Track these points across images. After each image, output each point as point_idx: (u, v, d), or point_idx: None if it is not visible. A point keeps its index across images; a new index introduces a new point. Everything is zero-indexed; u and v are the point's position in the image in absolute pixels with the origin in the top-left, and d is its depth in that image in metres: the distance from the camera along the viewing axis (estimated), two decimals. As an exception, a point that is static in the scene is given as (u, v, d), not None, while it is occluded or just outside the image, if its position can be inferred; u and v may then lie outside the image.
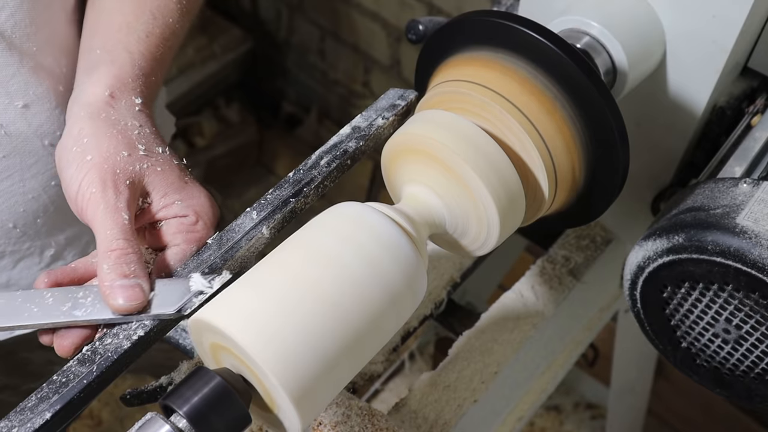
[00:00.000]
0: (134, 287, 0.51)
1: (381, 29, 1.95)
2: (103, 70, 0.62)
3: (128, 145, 0.58)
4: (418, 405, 0.74)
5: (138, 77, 0.63)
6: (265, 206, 0.58)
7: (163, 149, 0.60)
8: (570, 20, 0.63)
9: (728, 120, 0.68)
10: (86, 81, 0.62)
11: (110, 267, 0.52)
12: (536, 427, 1.80)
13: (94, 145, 0.57)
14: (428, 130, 0.54)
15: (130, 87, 0.62)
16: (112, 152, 0.56)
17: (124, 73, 0.62)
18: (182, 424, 0.43)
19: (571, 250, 0.86)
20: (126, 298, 0.51)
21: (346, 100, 2.21)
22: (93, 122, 0.58)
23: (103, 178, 0.55)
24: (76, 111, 0.60)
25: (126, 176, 0.56)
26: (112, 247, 0.53)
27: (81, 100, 0.61)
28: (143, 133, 0.60)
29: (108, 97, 0.60)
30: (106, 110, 0.59)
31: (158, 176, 0.58)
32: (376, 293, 0.48)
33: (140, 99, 0.62)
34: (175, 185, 0.58)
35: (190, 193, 0.59)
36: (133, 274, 0.52)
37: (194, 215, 0.58)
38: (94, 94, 0.60)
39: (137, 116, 0.61)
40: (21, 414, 0.46)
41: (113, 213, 0.54)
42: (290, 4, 2.16)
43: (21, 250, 0.78)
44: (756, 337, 0.56)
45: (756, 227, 0.53)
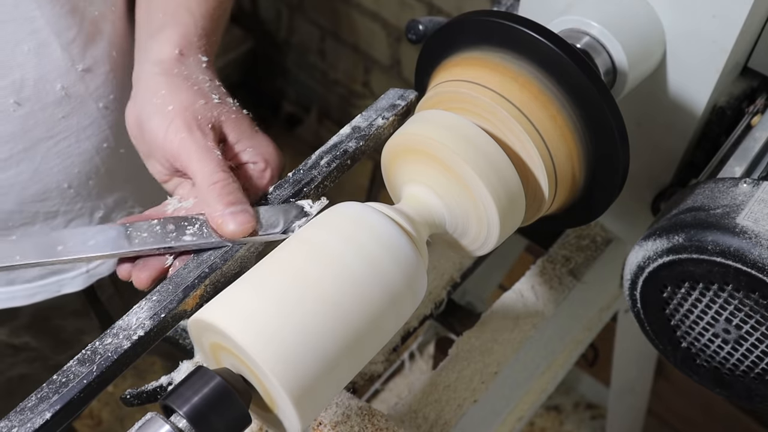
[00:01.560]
0: (243, 212, 0.54)
1: (381, 29, 1.95)
2: (169, 31, 0.65)
3: (203, 95, 0.61)
4: (418, 405, 0.74)
5: (201, 37, 0.67)
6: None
7: (232, 100, 0.63)
8: (570, 20, 0.63)
9: (728, 120, 0.68)
10: (153, 43, 0.65)
11: (217, 197, 0.55)
12: (536, 427, 1.80)
13: (172, 96, 0.60)
14: (428, 130, 0.54)
15: (196, 45, 0.66)
16: (191, 101, 0.60)
17: (189, 33, 0.66)
18: (182, 424, 0.43)
19: (571, 250, 0.86)
20: (238, 222, 0.54)
21: (346, 100, 2.21)
22: (167, 77, 0.62)
23: (188, 124, 0.58)
24: (148, 68, 0.63)
25: (207, 121, 0.59)
26: (215, 180, 0.56)
27: (151, 58, 0.64)
28: (213, 85, 0.63)
29: (178, 54, 0.64)
30: (177, 66, 0.63)
31: (233, 123, 0.61)
32: (376, 293, 0.48)
33: (206, 57, 0.66)
34: (247, 132, 0.62)
35: (260, 141, 0.62)
36: (239, 201, 0.55)
37: (263, 162, 0.61)
38: (164, 52, 0.64)
39: (205, 72, 0.65)
40: (21, 414, 0.46)
41: (206, 151, 0.57)
42: (290, 4, 2.16)
43: (73, 210, 0.82)
44: (756, 337, 0.56)
45: (756, 227, 0.53)
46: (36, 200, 0.79)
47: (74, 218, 0.83)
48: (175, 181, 0.63)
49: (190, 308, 0.53)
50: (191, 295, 0.53)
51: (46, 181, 0.79)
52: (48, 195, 0.79)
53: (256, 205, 0.57)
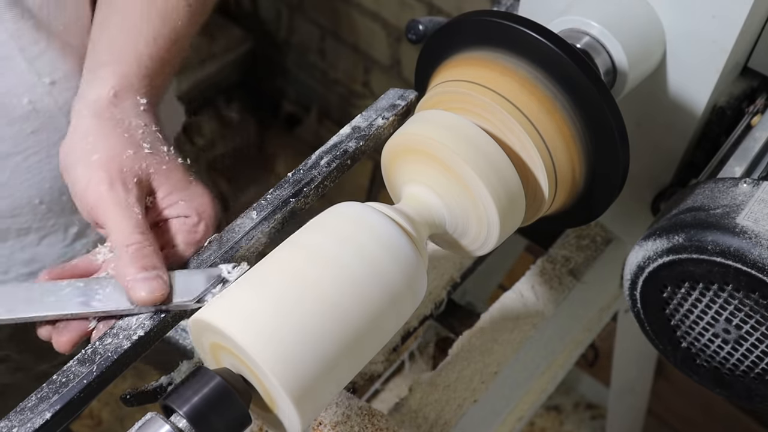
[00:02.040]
0: (156, 279, 0.52)
1: (381, 29, 1.95)
2: (109, 69, 0.62)
3: (133, 144, 0.58)
4: (418, 405, 0.74)
5: (144, 78, 0.63)
6: (265, 206, 0.58)
7: (167, 148, 0.60)
8: (570, 20, 0.63)
9: (728, 120, 0.68)
10: (91, 80, 0.62)
11: (129, 261, 0.52)
12: (536, 427, 1.80)
13: (99, 143, 0.57)
14: (428, 130, 0.54)
15: (135, 87, 0.62)
16: (118, 151, 0.57)
17: (130, 74, 0.62)
18: (182, 424, 0.43)
19: (571, 250, 0.86)
20: (149, 290, 0.51)
21: (346, 100, 2.21)
22: (98, 121, 0.59)
23: (110, 177, 0.55)
24: (79, 109, 0.60)
25: (133, 174, 0.56)
26: (129, 242, 0.53)
27: (86, 98, 0.61)
28: (147, 132, 0.60)
29: (112, 96, 0.60)
30: (110, 109, 0.60)
31: (163, 175, 0.58)
32: (376, 293, 0.48)
33: (145, 99, 0.62)
34: (179, 184, 0.59)
35: (194, 193, 0.59)
36: (153, 266, 0.52)
37: (197, 216, 0.58)
38: (98, 93, 0.61)
39: (141, 116, 0.61)
40: (21, 414, 0.46)
41: (125, 209, 0.54)
42: (290, 4, 2.16)
43: (46, 226, 0.80)
44: (756, 337, 0.56)
45: (756, 227, 0.53)
46: (6, 216, 0.78)
47: (47, 234, 0.81)
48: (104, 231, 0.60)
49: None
50: (191, 295, 0.53)
51: (16, 197, 0.77)
52: (19, 211, 0.78)
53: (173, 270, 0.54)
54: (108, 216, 0.54)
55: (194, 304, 0.52)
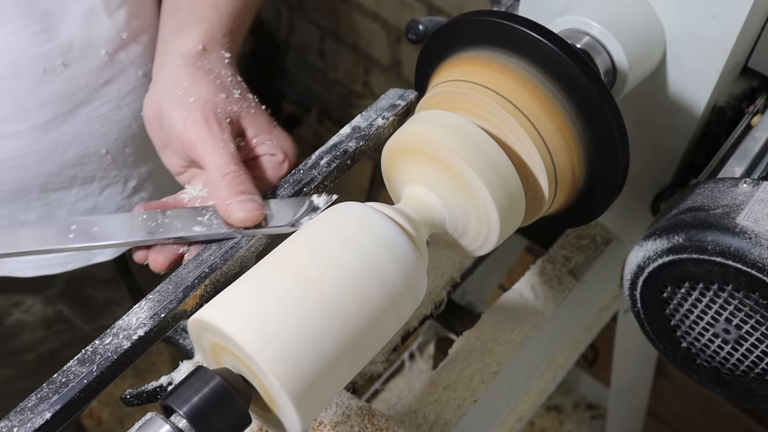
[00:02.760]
0: (251, 201, 0.55)
1: (381, 29, 1.95)
2: (194, 27, 0.67)
3: (224, 89, 0.63)
4: (418, 405, 0.74)
5: (226, 35, 0.68)
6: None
7: (252, 95, 0.65)
8: (570, 20, 0.63)
9: (728, 120, 0.68)
10: (177, 37, 0.67)
11: (227, 188, 0.56)
12: (536, 427, 1.80)
13: (194, 88, 0.62)
14: (428, 130, 0.54)
15: (220, 42, 0.68)
16: (212, 94, 0.62)
17: (214, 30, 0.67)
18: (182, 424, 0.43)
19: (571, 250, 0.86)
20: (245, 210, 0.55)
21: (346, 100, 2.21)
22: (190, 70, 0.64)
23: (206, 117, 0.60)
24: (171, 60, 0.65)
25: (226, 115, 0.61)
26: (226, 171, 0.57)
27: (175, 51, 0.66)
28: (234, 81, 0.65)
29: (201, 49, 0.66)
30: (200, 60, 0.65)
31: (252, 118, 0.63)
32: (376, 293, 0.48)
33: (228, 53, 0.68)
34: (265, 127, 0.64)
35: (278, 135, 0.64)
36: (248, 191, 0.56)
37: (282, 154, 0.63)
38: (187, 47, 0.66)
39: (228, 67, 0.66)
40: (21, 414, 0.46)
41: (221, 144, 0.59)
42: (290, 4, 2.16)
43: (109, 176, 0.85)
44: (756, 337, 0.56)
45: (756, 227, 0.53)
46: (75, 164, 0.81)
47: (109, 185, 0.85)
48: (189, 173, 0.64)
49: (190, 308, 0.53)
50: (191, 295, 0.53)
51: (86, 146, 0.81)
52: (87, 159, 0.82)
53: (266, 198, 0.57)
54: (206, 150, 0.59)
55: (289, 228, 0.54)
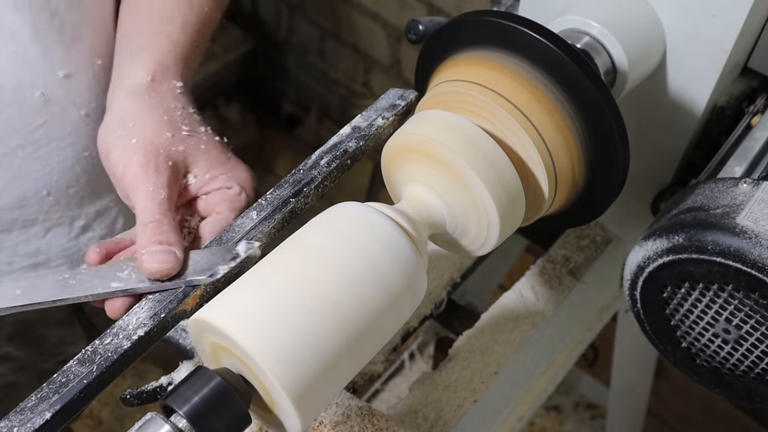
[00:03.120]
0: (167, 252, 0.54)
1: (381, 29, 1.95)
2: (145, 55, 0.65)
3: (171, 126, 0.61)
4: (418, 405, 0.74)
5: (178, 62, 0.66)
6: (265, 206, 0.58)
7: (204, 128, 0.63)
8: (570, 20, 0.63)
9: (728, 120, 0.68)
10: (127, 66, 0.65)
11: (146, 237, 0.55)
12: (536, 427, 1.80)
13: (138, 128, 0.60)
14: (428, 130, 0.54)
15: (172, 71, 0.65)
16: (156, 133, 0.60)
17: (165, 59, 0.65)
18: (182, 424, 0.43)
19: (571, 250, 0.86)
20: (159, 261, 0.53)
21: (346, 100, 2.21)
22: (136, 105, 0.61)
23: (146, 160, 0.58)
24: (119, 95, 0.63)
25: (168, 157, 0.59)
26: (149, 220, 0.56)
27: (124, 84, 0.63)
28: (185, 114, 0.63)
29: (150, 81, 0.63)
30: (148, 93, 0.62)
31: (202, 153, 0.62)
32: (376, 293, 0.48)
33: (180, 82, 0.65)
34: (218, 160, 0.62)
35: (232, 167, 0.63)
36: (168, 242, 0.54)
37: (238, 186, 0.62)
38: (136, 77, 0.63)
39: (178, 98, 0.64)
40: (21, 414, 0.46)
41: (152, 191, 0.57)
42: (290, 4, 2.16)
43: (52, 218, 0.81)
44: (756, 337, 0.56)
45: (756, 227, 0.53)
46: (14, 207, 0.78)
47: (53, 227, 0.81)
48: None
49: (190, 308, 0.53)
50: (191, 295, 0.53)
51: (25, 188, 0.77)
52: (26, 202, 0.78)
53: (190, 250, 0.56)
54: (137, 196, 0.57)
55: (207, 279, 0.53)
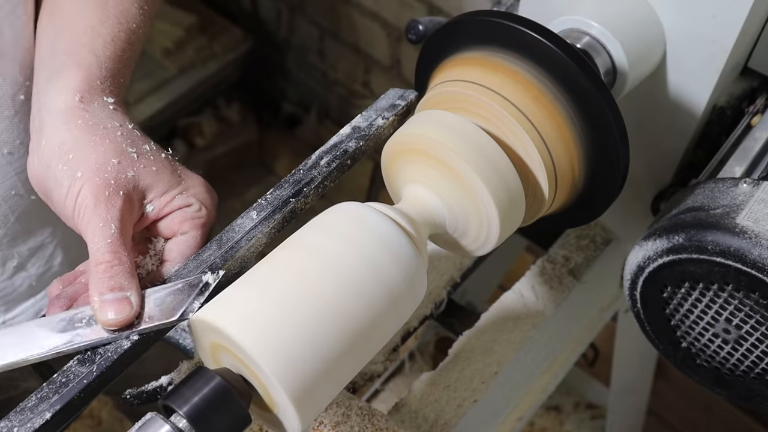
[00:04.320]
0: (121, 300, 0.50)
1: (381, 29, 1.95)
2: (70, 74, 0.59)
3: (115, 150, 0.56)
4: (418, 405, 0.74)
5: (106, 78, 0.61)
6: (265, 206, 0.58)
7: (149, 146, 0.59)
8: (570, 20, 0.63)
9: (728, 120, 0.68)
10: (52, 88, 0.59)
11: (97, 281, 0.51)
12: (536, 427, 1.80)
13: (81, 159, 0.55)
14: (428, 130, 0.54)
15: (100, 89, 0.60)
16: (102, 162, 0.55)
17: (92, 76, 0.60)
18: (182, 424, 0.43)
19: (571, 250, 0.86)
20: (114, 311, 0.50)
21: (346, 100, 2.21)
22: (71, 133, 0.56)
23: (95, 193, 0.54)
24: (49, 122, 0.57)
25: (120, 186, 0.55)
26: (99, 261, 0.52)
27: (51, 108, 0.58)
28: (125, 132, 0.58)
29: (78, 102, 0.58)
30: (81, 116, 0.57)
31: (153, 176, 0.57)
32: (376, 293, 0.48)
33: (112, 98, 0.60)
34: (171, 181, 0.58)
35: (188, 185, 0.59)
36: (120, 286, 0.51)
37: (197, 203, 0.58)
38: (63, 101, 0.58)
39: (114, 116, 0.59)
40: (21, 414, 0.46)
41: (102, 228, 0.53)
42: (290, 4, 2.16)
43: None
44: (756, 337, 0.56)
45: (756, 227, 0.53)
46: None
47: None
48: None
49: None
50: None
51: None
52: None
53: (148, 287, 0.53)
54: (87, 234, 0.53)
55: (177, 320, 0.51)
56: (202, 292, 0.51)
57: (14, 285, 0.81)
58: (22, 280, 0.81)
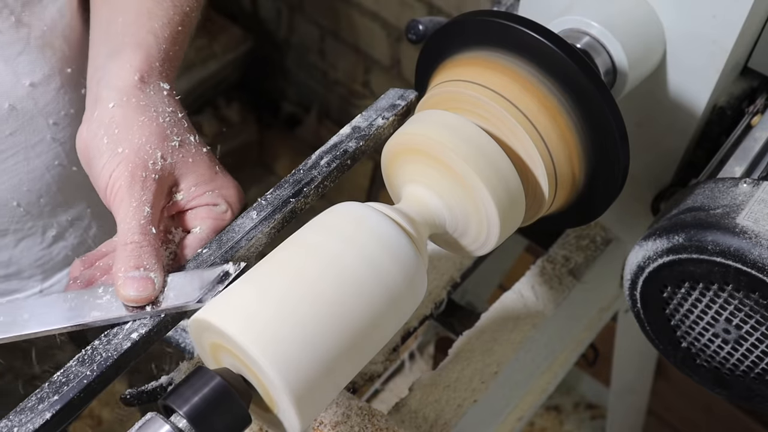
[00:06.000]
0: (145, 279, 0.52)
1: (381, 29, 1.95)
2: (130, 53, 0.61)
3: (160, 134, 0.57)
4: (418, 405, 0.74)
5: (164, 61, 0.62)
6: (265, 206, 0.58)
7: (193, 137, 0.60)
8: (570, 20, 0.63)
9: (728, 120, 0.69)
10: (112, 64, 0.61)
11: (124, 259, 0.53)
12: (536, 427, 1.80)
13: (125, 135, 0.57)
14: (428, 130, 0.54)
15: (158, 71, 0.61)
16: (144, 143, 0.56)
17: (152, 57, 0.61)
18: (182, 424, 0.43)
19: (571, 250, 0.86)
20: (136, 288, 0.51)
21: (346, 100, 2.21)
22: (123, 110, 0.58)
23: (132, 172, 0.55)
24: (105, 95, 0.59)
25: (156, 170, 0.56)
26: (128, 240, 0.53)
27: (110, 83, 0.60)
28: (174, 120, 0.59)
29: (137, 81, 0.59)
30: (136, 95, 0.59)
31: (189, 168, 0.59)
32: (376, 293, 0.48)
33: (167, 84, 0.62)
34: (205, 176, 0.59)
35: (220, 183, 0.60)
36: (146, 266, 0.52)
37: (225, 204, 0.59)
38: (123, 78, 0.59)
39: (167, 102, 0.60)
40: (21, 414, 0.46)
41: (135, 208, 0.54)
42: (290, 4, 2.16)
43: (23, 229, 0.79)
44: (756, 337, 0.56)
45: (756, 227, 0.53)
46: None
47: (25, 237, 0.80)
48: None
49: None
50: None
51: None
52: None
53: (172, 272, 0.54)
54: (119, 212, 0.55)
55: (194, 304, 0.52)
56: (222, 280, 0.52)
57: (52, 254, 0.83)
58: (60, 250, 0.84)
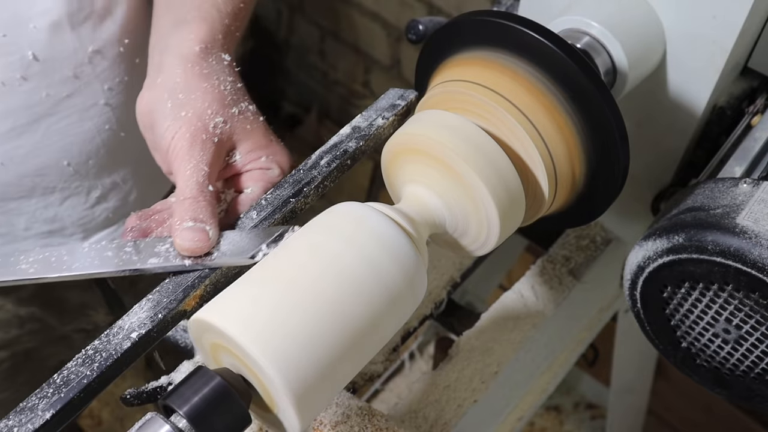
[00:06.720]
0: (201, 230, 0.54)
1: (381, 29, 1.95)
2: (194, 24, 0.64)
3: (220, 102, 0.61)
4: (418, 405, 0.74)
5: (226, 35, 0.67)
6: (265, 206, 0.58)
7: (251, 106, 0.64)
8: (570, 20, 0.63)
9: (728, 120, 0.69)
10: (176, 34, 0.64)
11: (182, 212, 0.55)
12: (536, 427, 1.80)
13: (188, 100, 0.60)
14: (428, 130, 0.54)
15: (220, 43, 0.65)
16: (206, 108, 0.60)
17: (215, 29, 0.65)
18: (182, 424, 0.43)
19: (571, 250, 0.86)
20: (191, 239, 0.54)
21: (346, 100, 2.21)
22: (186, 76, 0.61)
23: (193, 135, 0.58)
24: (169, 62, 0.63)
25: (216, 134, 0.60)
26: (186, 195, 0.56)
27: (174, 51, 0.63)
28: (234, 89, 0.63)
29: (200, 51, 0.63)
30: (199, 63, 0.62)
31: (246, 134, 0.62)
32: (376, 293, 0.48)
33: (228, 56, 0.65)
34: (261, 142, 0.63)
35: (274, 150, 0.64)
36: (202, 219, 0.55)
37: (278, 168, 0.63)
38: (187, 47, 0.63)
39: (227, 71, 0.64)
40: (21, 414, 0.46)
41: (194, 167, 0.58)
42: (290, 4, 2.16)
43: (70, 188, 0.84)
44: (756, 337, 0.56)
45: (756, 227, 0.53)
46: (34, 174, 0.81)
47: (70, 195, 0.85)
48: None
49: (190, 308, 0.53)
50: (191, 295, 0.53)
51: (46, 157, 0.80)
52: (46, 171, 0.81)
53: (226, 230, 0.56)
54: (179, 171, 0.58)
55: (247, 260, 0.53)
56: (276, 240, 0.54)
57: (93, 215, 0.88)
58: (101, 211, 0.88)
